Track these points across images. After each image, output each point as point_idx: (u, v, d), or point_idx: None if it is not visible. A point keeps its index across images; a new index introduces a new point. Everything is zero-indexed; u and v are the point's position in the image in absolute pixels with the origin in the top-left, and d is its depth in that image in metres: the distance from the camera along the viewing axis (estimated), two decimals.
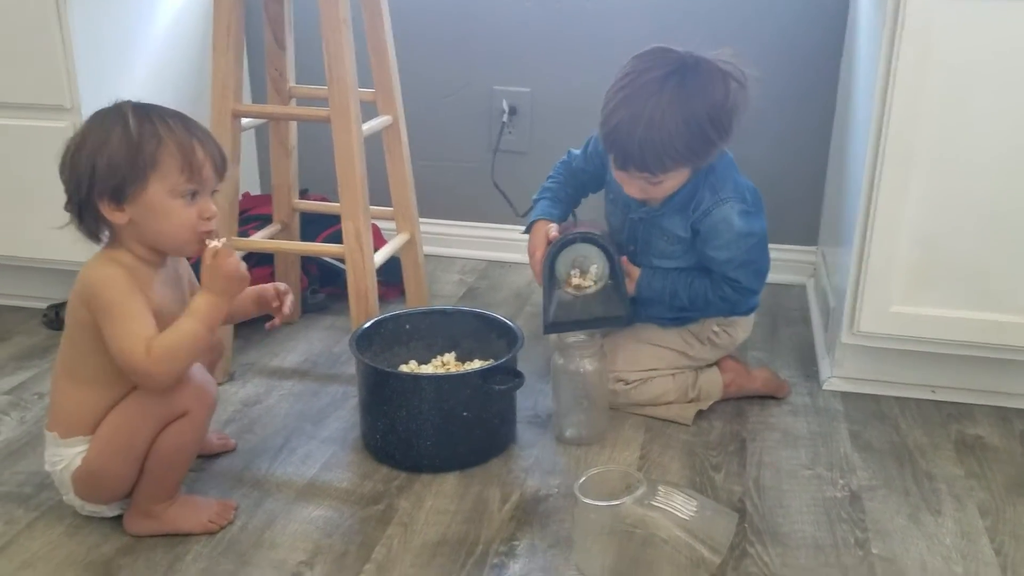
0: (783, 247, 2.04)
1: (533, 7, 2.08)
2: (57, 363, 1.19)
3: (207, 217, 1.16)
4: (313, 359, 1.72)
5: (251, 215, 1.89)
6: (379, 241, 1.83)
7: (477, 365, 1.47)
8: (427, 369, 1.49)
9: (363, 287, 1.53)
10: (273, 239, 1.74)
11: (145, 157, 1.10)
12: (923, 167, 1.41)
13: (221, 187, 1.21)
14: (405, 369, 1.48)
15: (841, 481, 1.35)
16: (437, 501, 1.29)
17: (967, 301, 1.46)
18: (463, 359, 1.51)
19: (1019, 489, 1.33)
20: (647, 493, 1.14)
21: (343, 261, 1.55)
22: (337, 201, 1.53)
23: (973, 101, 1.37)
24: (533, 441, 1.44)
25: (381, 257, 1.62)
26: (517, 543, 1.20)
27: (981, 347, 1.49)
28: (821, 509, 1.28)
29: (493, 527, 1.24)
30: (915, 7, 1.34)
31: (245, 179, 2.15)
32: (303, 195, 1.90)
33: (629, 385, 1.50)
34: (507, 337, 1.45)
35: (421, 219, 1.85)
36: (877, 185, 1.43)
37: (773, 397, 1.57)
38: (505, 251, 2.21)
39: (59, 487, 1.22)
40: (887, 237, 1.45)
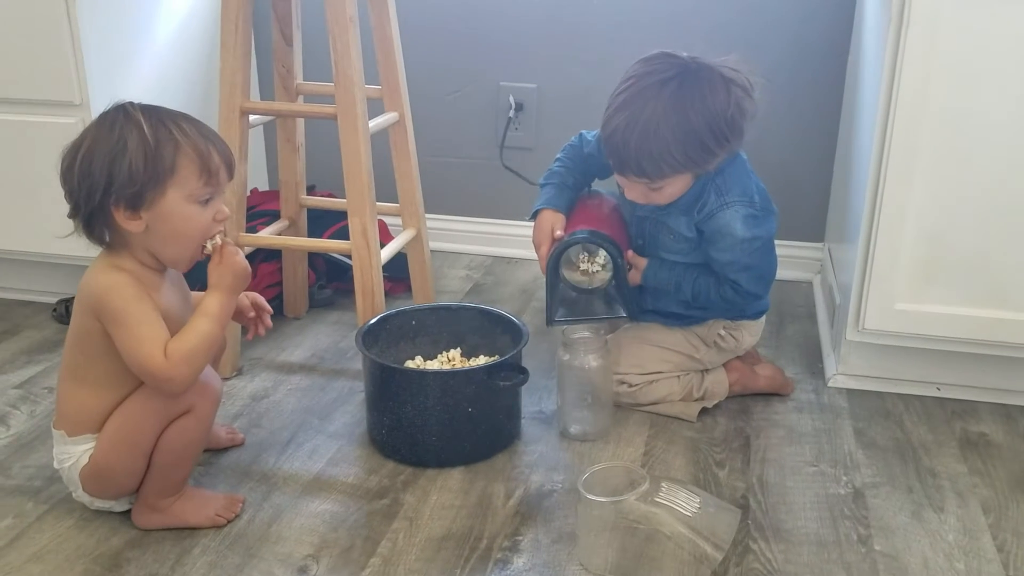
0: (790, 243, 2.04)
1: (540, 3, 2.08)
2: (62, 365, 1.20)
3: (220, 220, 1.16)
4: (320, 354, 1.73)
5: (259, 211, 1.90)
6: (385, 237, 1.84)
7: (482, 361, 1.48)
8: (433, 365, 1.50)
9: (369, 283, 1.54)
10: (280, 235, 1.75)
11: (164, 163, 1.09)
12: (928, 164, 1.41)
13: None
14: (411, 365, 1.49)
15: (845, 478, 1.35)
16: (442, 496, 1.30)
17: (972, 298, 1.46)
18: (468, 355, 1.52)
19: (1022, 486, 1.34)
20: (650, 489, 1.15)
21: (350, 257, 1.56)
22: (344, 197, 1.54)
23: (978, 99, 1.37)
24: (537, 437, 1.45)
25: (387, 253, 1.62)
26: (521, 538, 1.21)
27: (986, 344, 1.49)
28: (824, 505, 1.29)
29: (497, 522, 1.24)
30: (921, 4, 1.34)
31: (253, 175, 2.17)
32: (310, 191, 1.92)
33: (633, 388, 1.50)
34: (512, 333, 1.46)
35: (427, 215, 1.86)
36: (882, 182, 1.43)
37: (778, 395, 1.57)
38: (511, 247, 2.22)
39: (68, 484, 1.23)
40: (892, 234, 1.45)
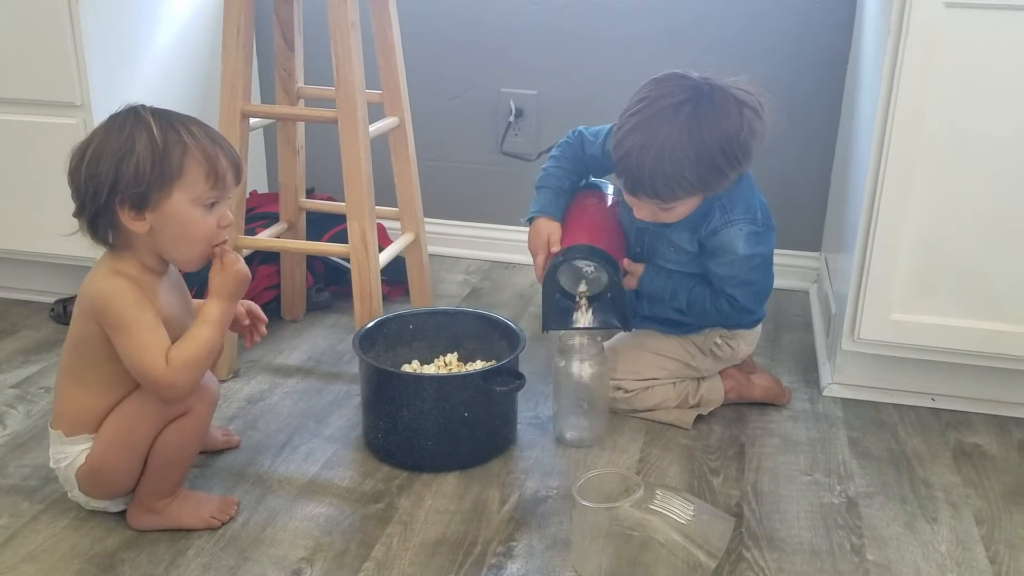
0: (787, 252, 2.05)
1: (541, 10, 2.09)
2: (60, 366, 1.20)
3: (224, 225, 1.16)
4: (317, 357, 1.73)
5: (258, 213, 1.90)
6: (384, 241, 1.84)
7: (479, 366, 1.49)
8: (429, 369, 1.50)
9: (367, 286, 1.55)
10: (279, 238, 1.76)
11: (172, 165, 1.09)
12: (925, 175, 1.42)
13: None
14: (408, 369, 1.49)
15: (839, 487, 1.36)
16: (437, 501, 1.30)
17: (968, 310, 1.47)
18: (465, 360, 1.52)
19: (1016, 498, 1.34)
20: (645, 496, 1.15)
21: (348, 260, 1.56)
22: (343, 200, 1.55)
23: (976, 110, 1.38)
24: (533, 443, 1.45)
25: (386, 257, 1.63)
26: (515, 544, 1.21)
27: (981, 356, 1.50)
28: (818, 515, 1.29)
29: (492, 527, 1.25)
30: (920, 16, 1.35)
31: (253, 178, 2.17)
32: (309, 194, 1.92)
33: (629, 393, 1.51)
34: (509, 338, 1.46)
35: (426, 219, 1.86)
36: (879, 193, 1.44)
37: (773, 404, 1.58)
38: (509, 252, 2.22)
39: (64, 484, 1.23)
40: (889, 245, 1.46)
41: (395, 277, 1.92)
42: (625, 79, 2.01)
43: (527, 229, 1.54)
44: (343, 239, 1.59)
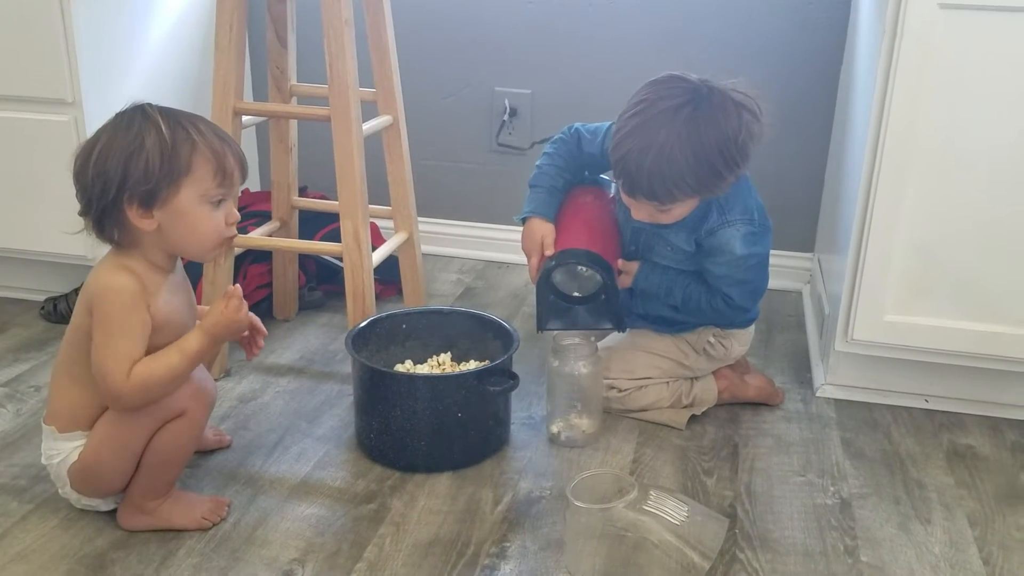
0: (780, 253, 2.04)
1: (536, 9, 2.08)
2: (57, 360, 1.20)
3: (232, 223, 1.16)
4: (309, 357, 1.73)
5: (250, 211, 1.89)
6: (377, 240, 1.84)
7: (473, 366, 1.48)
8: (423, 369, 1.50)
9: (360, 286, 1.54)
10: (271, 236, 1.75)
11: (180, 162, 1.10)
12: (919, 177, 1.42)
13: None
14: (401, 369, 1.48)
15: (832, 488, 1.36)
16: (430, 501, 1.30)
17: (961, 311, 1.47)
18: (459, 360, 1.52)
19: (1008, 499, 1.34)
20: (639, 497, 1.15)
21: (341, 259, 1.56)
22: (336, 199, 1.54)
23: (970, 111, 1.38)
24: (527, 443, 1.45)
25: (379, 256, 1.62)
26: (508, 544, 1.21)
27: (974, 357, 1.50)
28: (811, 516, 1.29)
29: (485, 528, 1.24)
30: (914, 17, 1.35)
31: None
32: (302, 193, 1.91)
33: (623, 393, 1.51)
34: (503, 338, 1.46)
35: (420, 218, 1.86)
36: (873, 194, 1.44)
37: (767, 404, 1.58)
38: (503, 251, 2.22)
39: (55, 481, 1.22)
40: (882, 246, 1.46)
41: (388, 276, 1.91)
42: (620, 79, 2.02)
43: (521, 229, 1.54)
44: (336, 238, 1.59)
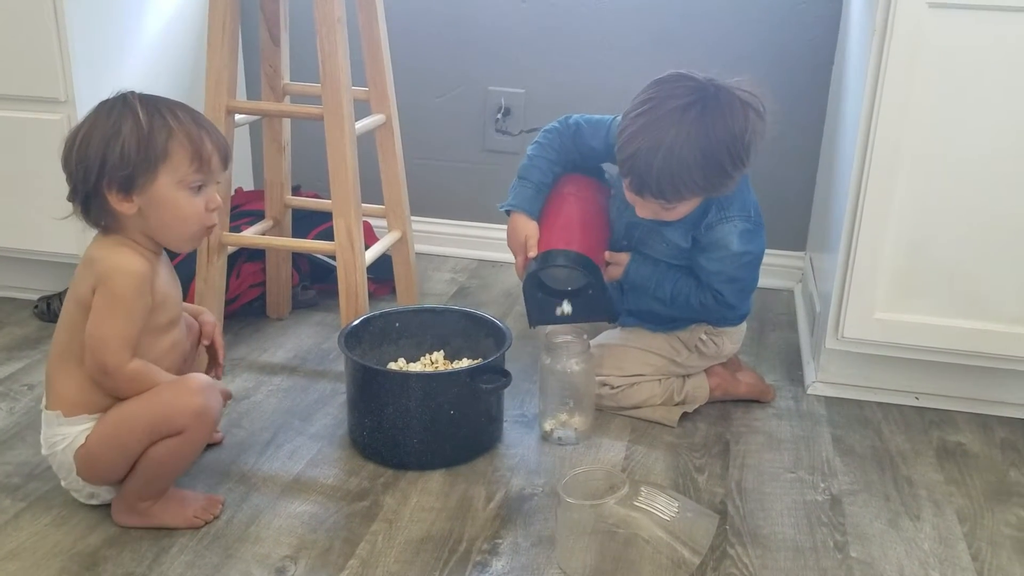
0: (772, 252, 2.04)
1: (529, 8, 2.09)
2: (53, 348, 1.19)
3: (212, 208, 1.18)
4: (302, 355, 1.73)
5: (243, 211, 1.89)
6: (370, 239, 1.84)
7: (465, 364, 1.48)
8: (415, 367, 1.50)
9: (353, 284, 1.54)
10: (265, 235, 1.75)
11: (156, 148, 1.12)
12: (910, 175, 1.43)
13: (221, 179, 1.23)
14: (393, 367, 1.49)
15: (822, 485, 1.36)
16: (422, 498, 1.30)
17: (951, 309, 1.48)
18: (452, 358, 1.52)
19: (998, 496, 1.35)
20: (630, 493, 1.16)
21: (334, 258, 1.56)
22: (329, 198, 1.54)
23: (960, 110, 1.39)
24: (519, 440, 1.45)
25: (372, 255, 1.62)
26: (500, 541, 1.22)
27: (964, 355, 1.51)
28: (802, 512, 1.30)
29: (477, 525, 1.25)
30: (904, 16, 1.36)
31: (238, 175, 2.16)
32: (295, 191, 1.91)
33: (615, 389, 1.51)
34: (495, 337, 1.46)
35: (413, 217, 1.86)
36: (864, 192, 1.45)
37: (758, 401, 1.58)
38: (496, 250, 2.22)
39: (58, 471, 1.21)
40: (873, 244, 1.46)
41: (381, 275, 1.92)
42: (613, 78, 2.04)
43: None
44: (329, 237, 1.59)
